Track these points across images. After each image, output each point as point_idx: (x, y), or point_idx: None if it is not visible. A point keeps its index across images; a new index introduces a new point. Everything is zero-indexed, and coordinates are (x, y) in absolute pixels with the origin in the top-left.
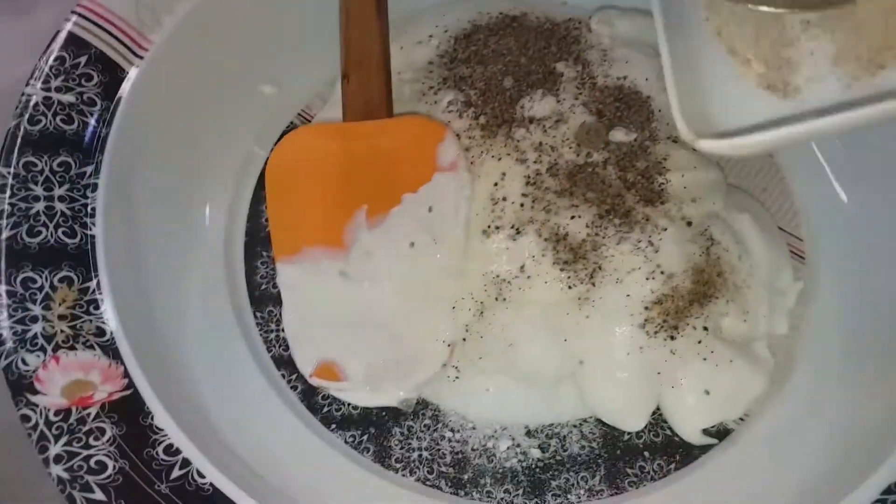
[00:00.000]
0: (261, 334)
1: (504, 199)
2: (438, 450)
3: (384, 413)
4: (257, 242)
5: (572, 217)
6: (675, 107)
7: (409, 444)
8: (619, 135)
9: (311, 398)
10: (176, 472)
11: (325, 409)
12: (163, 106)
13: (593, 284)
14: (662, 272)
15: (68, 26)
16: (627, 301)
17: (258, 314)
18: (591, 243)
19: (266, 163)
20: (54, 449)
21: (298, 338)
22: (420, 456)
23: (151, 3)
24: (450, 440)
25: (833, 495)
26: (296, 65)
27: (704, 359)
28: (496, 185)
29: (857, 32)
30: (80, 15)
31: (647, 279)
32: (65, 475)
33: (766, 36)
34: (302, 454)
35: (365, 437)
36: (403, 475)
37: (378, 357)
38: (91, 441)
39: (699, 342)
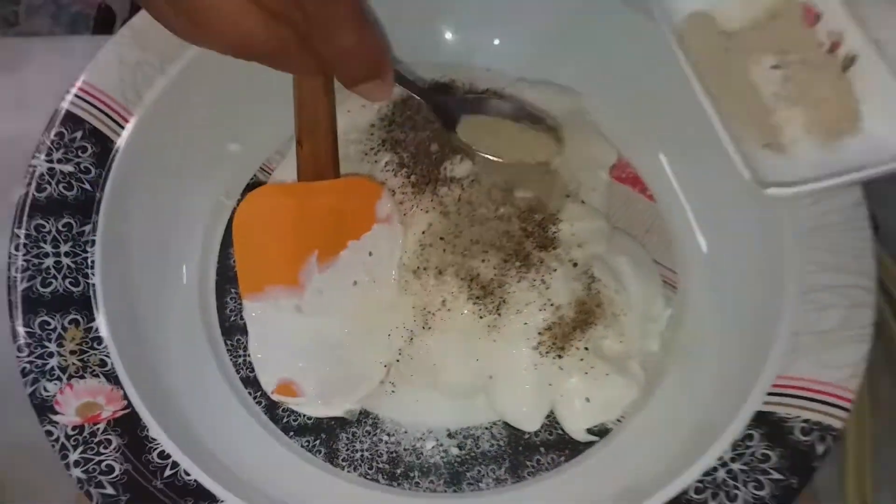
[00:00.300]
0: (231, 359)
1: (430, 245)
2: (377, 450)
3: (333, 422)
4: (226, 280)
5: (483, 260)
6: (740, 161)
7: (353, 446)
8: (520, 192)
9: (273, 411)
10: (168, 472)
11: (285, 420)
12: (146, 169)
13: (499, 315)
14: (552, 304)
15: (66, 105)
16: (525, 328)
17: (228, 342)
18: (497, 282)
19: (233, 213)
20: (73, 456)
21: (262, 362)
22: (362, 455)
23: (133, 82)
24: (386, 442)
25: (674, 475)
26: (258, 125)
27: (586, 373)
28: (424, 233)
29: (818, 107)
30: (75, 95)
31: (539, 310)
32: (83, 476)
33: (752, 106)
34: (266, 457)
35: (317, 442)
36: (348, 472)
37: (327, 376)
38: (101, 450)
39: (581, 360)
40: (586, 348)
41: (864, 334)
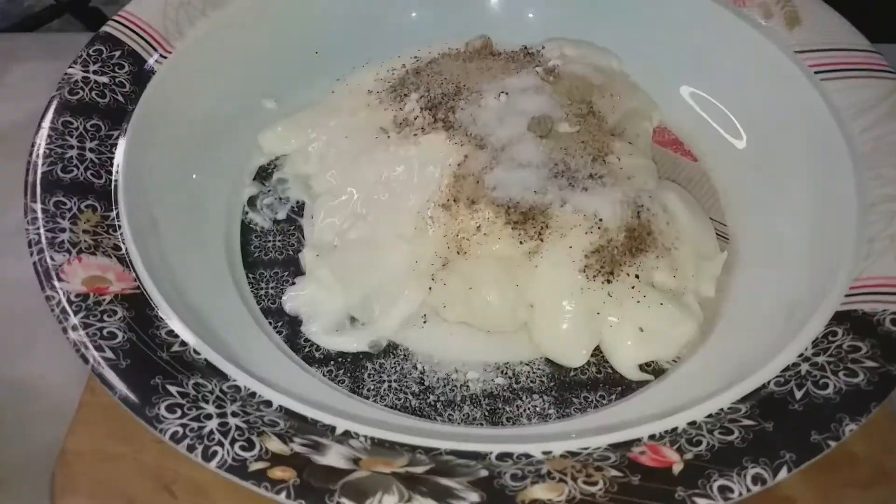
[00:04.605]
0: (252, 291)
1: (464, 177)
2: (405, 382)
3: (359, 354)
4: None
5: (523, 187)
6: None
7: (380, 377)
8: (564, 126)
9: (295, 341)
10: (176, 348)
11: (307, 350)
12: (180, 97)
13: (541, 240)
14: (599, 227)
15: (105, 28)
16: (570, 252)
17: (250, 276)
18: (539, 208)
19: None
20: (73, 320)
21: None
22: (389, 386)
23: (176, 19)
24: (416, 375)
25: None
26: (291, 84)
27: (638, 302)
28: (460, 164)
29: None
30: (115, 20)
31: (586, 233)
32: (81, 339)
33: None
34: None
35: (340, 371)
36: (373, 402)
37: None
38: (105, 318)
39: (633, 287)
40: (637, 276)
41: None
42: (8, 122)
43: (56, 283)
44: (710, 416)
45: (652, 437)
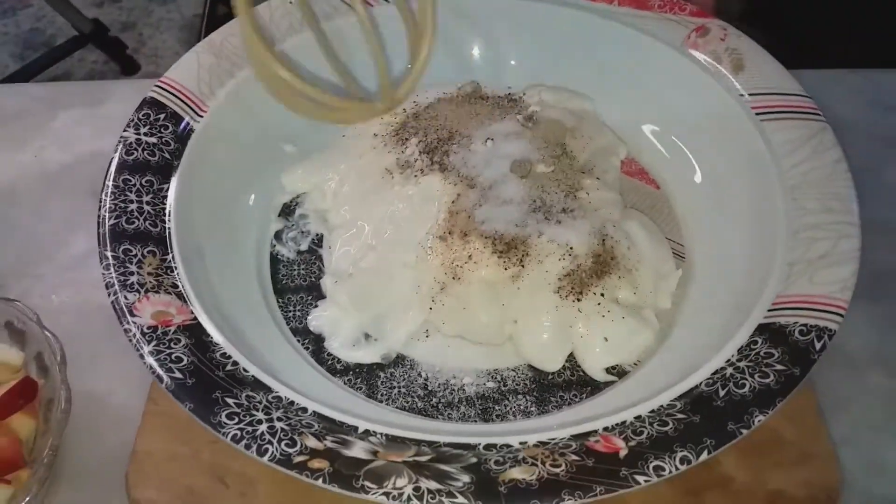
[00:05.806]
0: (282, 313)
1: (457, 213)
2: (412, 387)
3: (373, 364)
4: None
5: (506, 221)
6: None
7: (391, 383)
8: (541, 167)
9: (319, 355)
10: (229, 367)
11: (329, 362)
12: (215, 150)
13: (523, 266)
14: (570, 254)
15: (150, 93)
16: (546, 275)
17: (280, 301)
18: (520, 238)
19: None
20: (147, 348)
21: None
22: (399, 391)
23: (209, 80)
24: (420, 381)
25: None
26: (307, 129)
27: (603, 316)
28: (454, 202)
29: None
30: (158, 86)
31: (559, 259)
32: (154, 363)
33: None
34: (315, 387)
35: (358, 380)
36: (386, 405)
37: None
38: (171, 345)
39: (598, 304)
40: (602, 294)
41: (852, 257)
42: (58, 164)
43: (131, 319)
44: (652, 411)
45: (605, 428)
